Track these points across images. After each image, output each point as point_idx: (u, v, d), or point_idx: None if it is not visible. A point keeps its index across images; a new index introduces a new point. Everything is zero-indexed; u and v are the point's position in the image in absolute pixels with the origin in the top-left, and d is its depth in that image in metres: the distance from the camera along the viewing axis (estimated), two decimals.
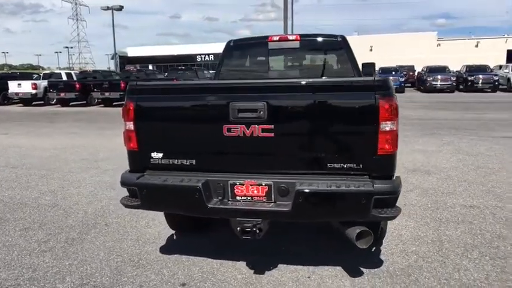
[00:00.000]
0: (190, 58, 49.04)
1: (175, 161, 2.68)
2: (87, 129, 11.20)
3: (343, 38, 4.44)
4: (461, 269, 2.98)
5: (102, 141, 8.85)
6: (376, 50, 44.84)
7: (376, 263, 3.11)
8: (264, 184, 2.56)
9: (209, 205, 2.56)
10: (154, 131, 2.72)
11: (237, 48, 4.67)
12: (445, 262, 3.09)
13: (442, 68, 25.94)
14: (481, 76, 23.42)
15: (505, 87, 23.67)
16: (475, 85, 23.15)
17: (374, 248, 3.36)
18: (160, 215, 4.18)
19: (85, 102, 18.88)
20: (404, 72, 29.12)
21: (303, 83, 2.48)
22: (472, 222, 3.87)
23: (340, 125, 2.45)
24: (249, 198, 2.60)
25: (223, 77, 4.61)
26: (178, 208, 2.73)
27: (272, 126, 2.45)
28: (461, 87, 24.43)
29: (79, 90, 18.35)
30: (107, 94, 17.48)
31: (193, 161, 2.65)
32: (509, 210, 4.16)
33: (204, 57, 50.84)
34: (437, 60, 31.38)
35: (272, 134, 2.46)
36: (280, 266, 3.08)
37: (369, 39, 52.53)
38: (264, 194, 2.57)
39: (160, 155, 2.69)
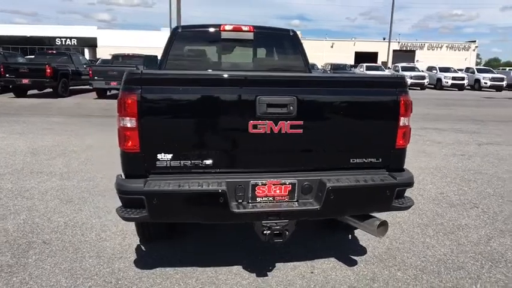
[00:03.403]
0: (48, 41, 43.04)
1: (188, 163, 2.33)
2: None
3: (295, 33, 4.50)
4: (429, 246, 3.37)
5: None
6: None
7: (361, 250, 3.29)
8: (287, 183, 2.44)
9: (234, 210, 2.32)
10: (163, 129, 2.30)
11: (186, 36, 4.28)
12: (414, 242, 3.45)
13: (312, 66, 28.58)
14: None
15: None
16: None
17: (350, 236, 3.55)
18: (110, 224, 3.65)
19: None
20: None
21: (334, 78, 2.44)
22: None
23: (365, 120, 2.49)
24: (270, 198, 2.44)
25: (170, 67, 4.19)
26: (197, 216, 2.38)
27: (301, 122, 2.34)
28: None
29: None
30: None
31: (210, 162, 2.35)
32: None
33: (66, 41, 45.24)
34: None
35: (300, 131, 2.35)
36: (278, 265, 3.00)
37: None
38: (287, 193, 2.45)
39: (169, 156, 2.30)
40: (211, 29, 4.30)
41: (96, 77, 14.61)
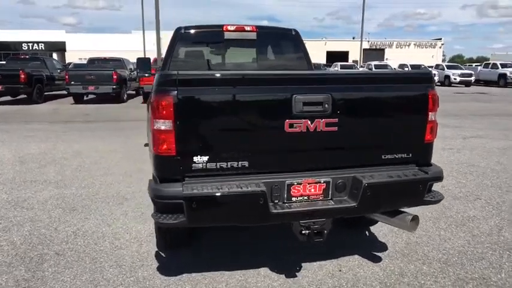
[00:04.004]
0: (14, 46, 41.36)
1: (224, 164, 2.26)
2: None
3: (297, 32, 4.49)
4: (445, 239, 3.44)
5: None
6: None
7: (381, 246, 3.31)
8: (322, 181, 2.42)
9: (273, 211, 2.27)
10: (199, 131, 2.23)
11: (189, 36, 4.20)
12: (430, 235, 3.51)
13: None
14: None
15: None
16: None
17: (368, 233, 3.58)
18: (121, 231, 3.53)
19: None
20: None
21: (367, 74, 2.44)
22: None
23: (396, 116, 2.51)
24: (305, 198, 2.42)
25: (174, 68, 4.09)
26: (236, 219, 2.32)
27: (336, 120, 2.33)
28: None
29: None
30: None
31: (246, 163, 2.30)
32: None
33: (33, 46, 43.61)
34: None
35: (335, 128, 2.34)
36: (304, 265, 2.97)
37: None
38: (321, 191, 2.43)
39: (205, 158, 2.23)
40: (214, 30, 4.24)
41: (73, 82, 14.15)
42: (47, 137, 8.12)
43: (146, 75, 5.75)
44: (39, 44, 44.19)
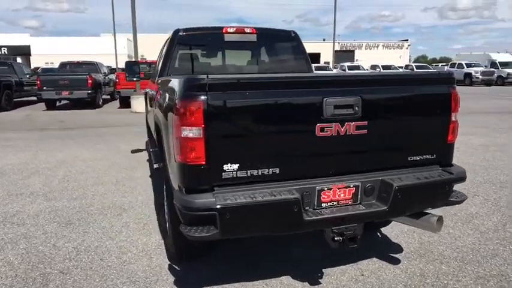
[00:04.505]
0: None
1: (255, 172, 2.16)
2: None
3: (296, 34, 4.45)
4: (456, 237, 3.47)
5: None
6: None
7: (397, 247, 3.30)
8: (352, 186, 2.37)
9: (306, 218, 2.20)
10: (230, 137, 2.12)
11: (188, 39, 4.06)
12: (440, 234, 3.53)
13: None
14: None
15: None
16: None
17: (380, 235, 3.56)
18: (127, 245, 3.35)
19: None
20: None
21: (396, 75, 2.40)
22: None
23: (422, 117, 2.49)
24: (334, 203, 2.36)
25: (174, 71, 3.95)
26: (269, 228, 2.21)
27: (366, 123, 2.28)
28: None
29: None
30: None
31: (276, 169, 2.20)
32: None
33: None
34: None
35: (365, 131, 2.29)
36: (325, 271, 2.91)
37: None
38: (351, 196, 2.38)
39: (235, 166, 2.12)
40: (214, 32, 4.13)
41: (45, 87, 13.55)
42: (25, 146, 7.71)
43: (134, 79, 5.53)
44: (2, 49, 42.24)
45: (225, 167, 2.12)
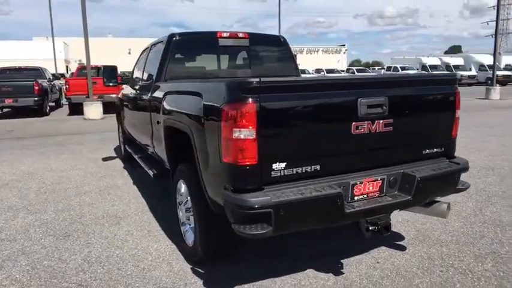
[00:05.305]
0: None
1: (299, 170, 2.28)
2: None
3: (285, 39, 4.62)
4: (445, 222, 3.83)
5: None
6: (134, 53, 44.89)
7: (398, 235, 3.56)
8: (379, 179, 2.57)
9: (347, 211, 2.36)
10: (279, 137, 2.22)
11: (184, 43, 4.05)
12: (431, 222, 3.88)
13: None
14: None
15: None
16: None
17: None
18: (139, 252, 3.29)
19: None
20: None
21: (417, 77, 2.65)
22: None
23: (436, 114, 2.78)
24: (365, 196, 2.55)
25: (170, 75, 3.94)
26: (316, 222, 2.33)
27: (392, 121, 2.50)
28: None
29: None
30: None
31: (318, 166, 2.34)
32: None
33: None
34: None
35: (391, 128, 2.51)
36: (343, 261, 3.09)
37: (127, 42, 52.13)
38: (378, 188, 2.59)
39: (282, 165, 2.22)
40: (208, 36, 4.18)
41: None
42: None
43: (111, 84, 5.36)
44: None
45: (274, 166, 2.21)
